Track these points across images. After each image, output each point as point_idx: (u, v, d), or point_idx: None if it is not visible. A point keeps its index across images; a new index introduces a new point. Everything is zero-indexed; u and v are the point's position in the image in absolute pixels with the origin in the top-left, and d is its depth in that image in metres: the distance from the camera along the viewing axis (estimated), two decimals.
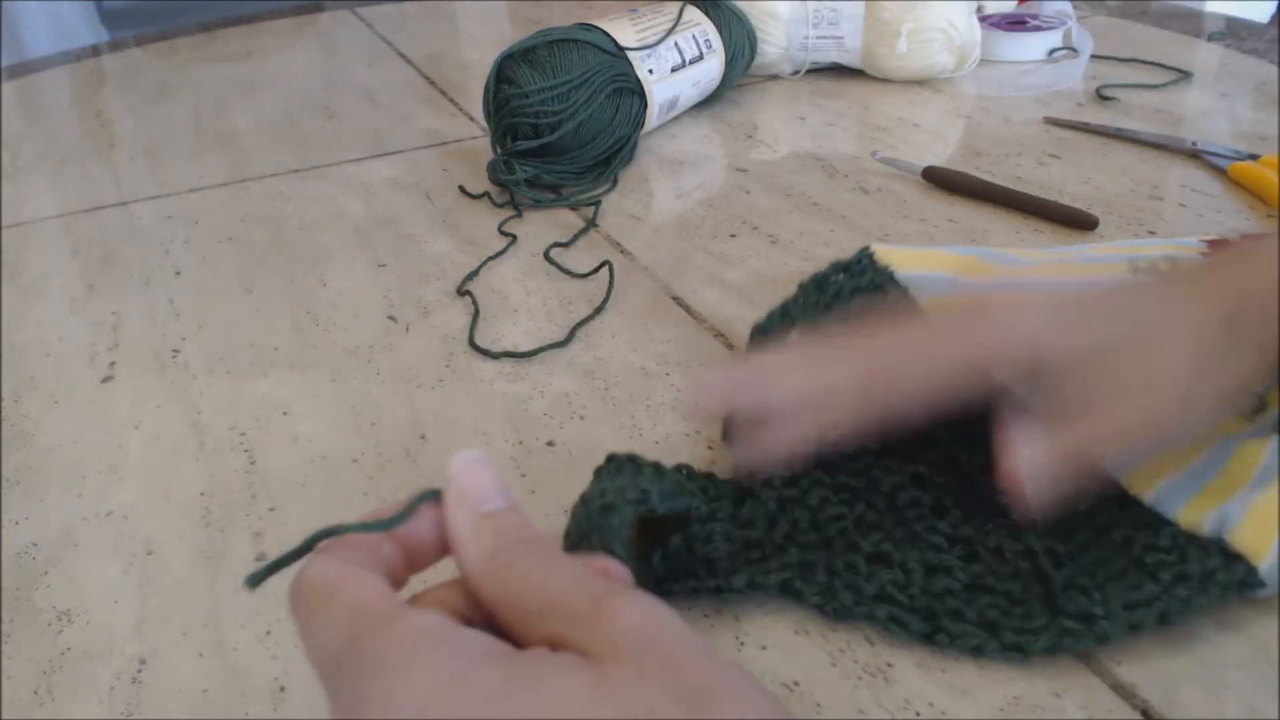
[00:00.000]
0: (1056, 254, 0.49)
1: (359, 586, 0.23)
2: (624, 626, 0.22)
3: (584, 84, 0.65)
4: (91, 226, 0.67)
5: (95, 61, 1.07)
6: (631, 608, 0.22)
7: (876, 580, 0.33)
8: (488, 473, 0.27)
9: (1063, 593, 0.32)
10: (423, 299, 0.55)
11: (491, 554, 0.25)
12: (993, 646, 0.31)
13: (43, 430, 0.46)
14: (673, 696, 0.20)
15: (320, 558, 0.24)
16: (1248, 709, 0.29)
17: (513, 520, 0.26)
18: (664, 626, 0.22)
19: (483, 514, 0.26)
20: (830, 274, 0.47)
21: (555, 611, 0.23)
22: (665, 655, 0.21)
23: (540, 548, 0.25)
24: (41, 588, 0.37)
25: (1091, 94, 0.77)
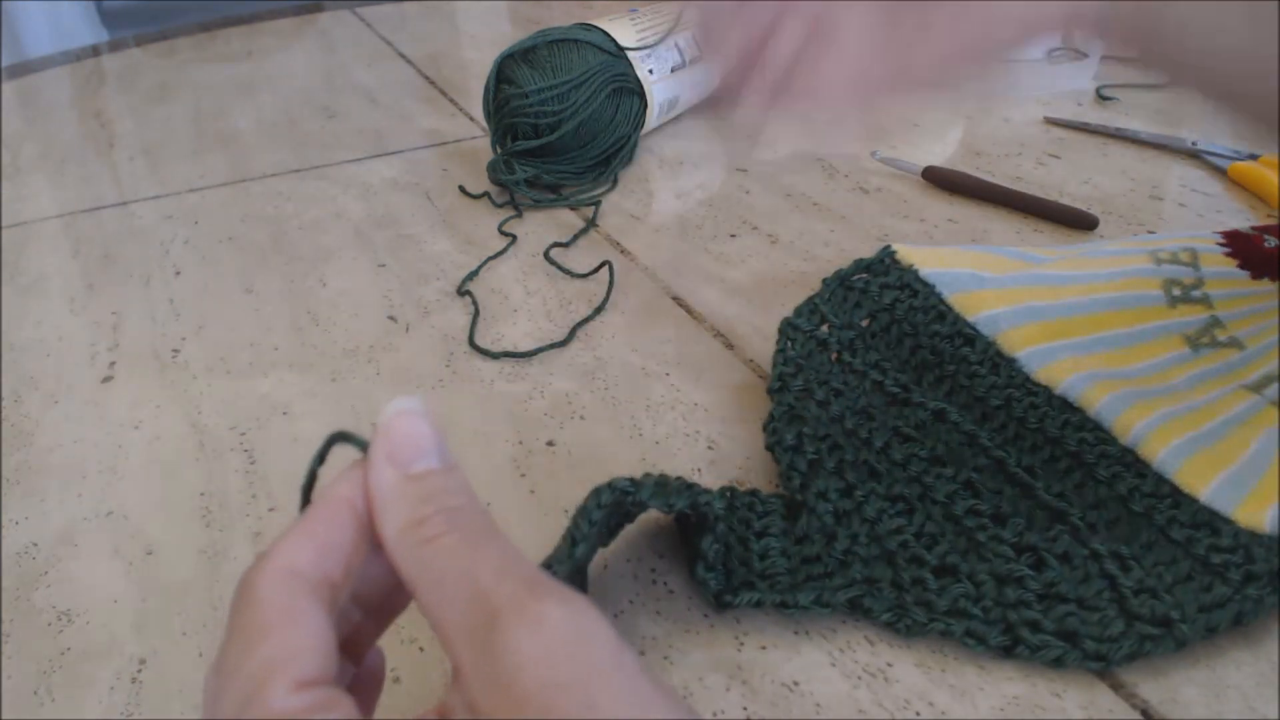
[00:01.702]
0: (1075, 250, 0.49)
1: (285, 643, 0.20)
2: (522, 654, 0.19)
3: (584, 84, 0.65)
4: (91, 226, 0.67)
5: (95, 61, 1.07)
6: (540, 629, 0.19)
7: (948, 595, 0.32)
8: (422, 425, 0.23)
9: (1134, 596, 0.32)
10: (423, 299, 0.55)
11: (412, 524, 0.22)
12: (1074, 657, 0.31)
13: (43, 430, 0.46)
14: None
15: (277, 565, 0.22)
16: (1248, 709, 0.29)
17: (444, 484, 0.22)
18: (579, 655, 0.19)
19: (411, 474, 0.23)
20: (853, 272, 0.47)
21: (464, 611, 0.20)
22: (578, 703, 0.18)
23: (470, 521, 0.22)
24: (41, 588, 0.37)
25: (1091, 94, 0.77)
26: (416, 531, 0.21)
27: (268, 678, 0.20)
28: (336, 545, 0.22)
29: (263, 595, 0.21)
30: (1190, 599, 0.31)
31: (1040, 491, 0.36)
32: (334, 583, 0.22)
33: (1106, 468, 0.37)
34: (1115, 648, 0.30)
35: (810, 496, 0.36)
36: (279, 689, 0.20)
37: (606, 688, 0.19)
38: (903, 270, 0.46)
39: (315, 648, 0.21)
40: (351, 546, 0.22)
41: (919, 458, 0.38)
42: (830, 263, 0.56)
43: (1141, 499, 0.35)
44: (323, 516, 0.23)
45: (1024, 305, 0.44)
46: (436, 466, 0.23)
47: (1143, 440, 0.37)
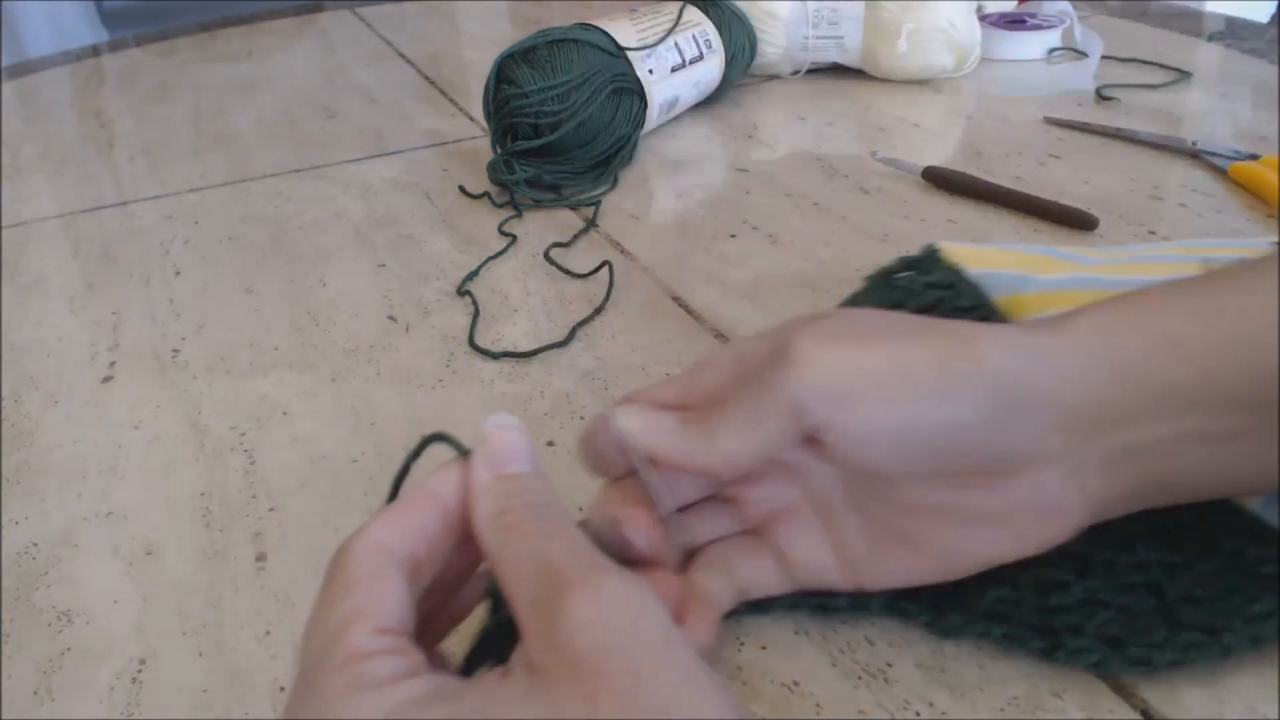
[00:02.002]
0: (1124, 253, 0.48)
1: (368, 599, 0.24)
2: (580, 623, 0.21)
3: (584, 84, 0.65)
4: (91, 226, 0.67)
5: (95, 61, 1.07)
6: (598, 599, 0.21)
7: (987, 598, 0.31)
8: (516, 436, 0.27)
9: (1180, 605, 0.31)
10: (423, 299, 0.55)
11: (499, 512, 0.25)
12: (1115, 662, 0.30)
13: (43, 430, 0.46)
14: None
15: (369, 537, 0.25)
16: (1248, 709, 0.29)
17: (529, 485, 0.26)
18: (631, 626, 0.21)
19: (502, 474, 0.26)
20: (897, 269, 0.46)
21: (533, 586, 0.23)
22: (623, 670, 0.20)
23: (548, 514, 0.25)
24: (41, 588, 0.37)
25: (1091, 94, 0.77)
26: (501, 519, 0.25)
27: (350, 623, 0.23)
28: (422, 529, 0.26)
29: (353, 559, 0.24)
30: (1235, 610, 0.31)
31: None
32: (417, 560, 0.25)
33: None
34: (1159, 654, 0.30)
35: None
36: (360, 632, 0.23)
37: (652, 656, 0.21)
38: (947, 269, 0.45)
39: (394, 605, 0.24)
40: (435, 532, 0.26)
41: None
42: (830, 263, 0.56)
43: (1190, 510, 0.33)
44: (413, 504, 0.26)
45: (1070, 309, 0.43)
46: (526, 470, 0.26)
47: None
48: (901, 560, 0.31)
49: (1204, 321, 0.28)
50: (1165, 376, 0.28)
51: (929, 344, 0.28)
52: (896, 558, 0.31)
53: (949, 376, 0.27)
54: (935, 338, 0.29)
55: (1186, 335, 0.28)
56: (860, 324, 0.30)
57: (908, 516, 0.30)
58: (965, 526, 0.29)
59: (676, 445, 0.29)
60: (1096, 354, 0.28)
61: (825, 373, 0.27)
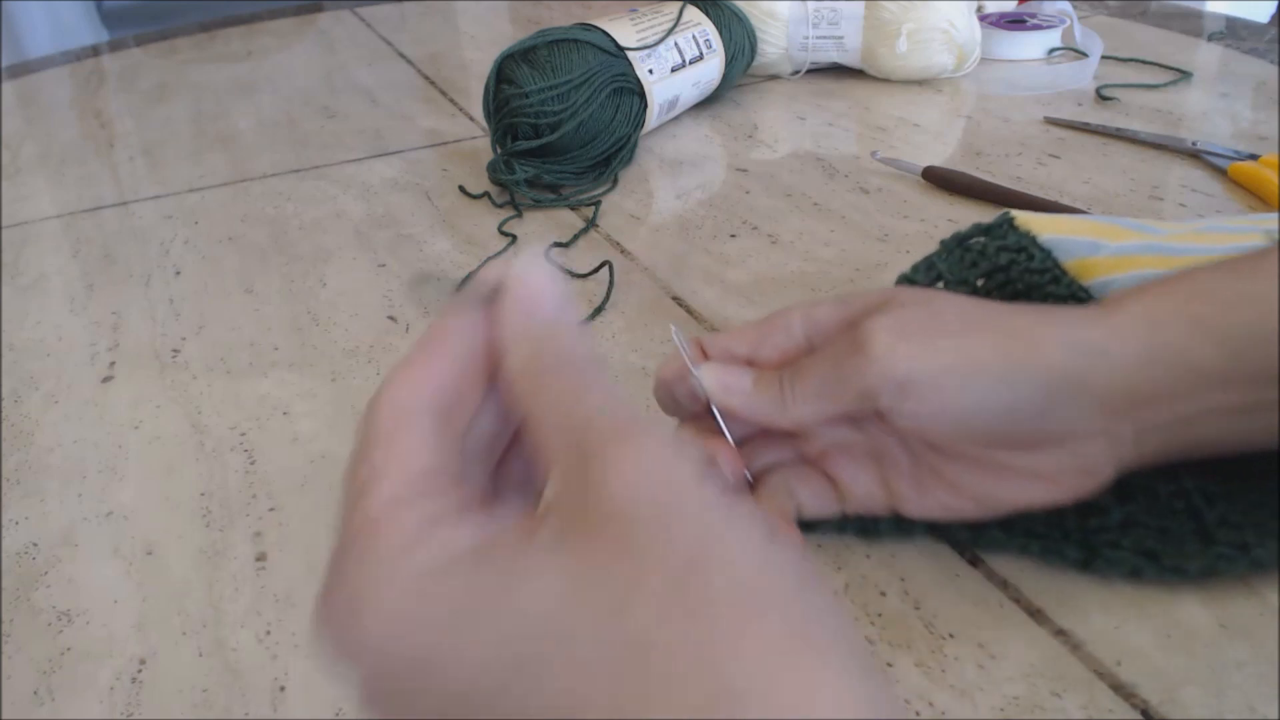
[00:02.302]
0: (1191, 225, 0.49)
1: (391, 455, 0.23)
2: (615, 478, 0.20)
3: (584, 84, 0.65)
4: (91, 226, 0.67)
5: (95, 61, 1.07)
6: (630, 454, 0.20)
7: (1026, 518, 0.34)
8: (547, 279, 0.25)
9: (1216, 528, 0.33)
10: (423, 299, 0.55)
11: (532, 358, 0.23)
12: (1151, 570, 0.32)
13: (43, 430, 0.46)
14: (658, 570, 0.19)
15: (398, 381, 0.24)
16: (1248, 709, 0.29)
17: (561, 333, 0.24)
18: (662, 480, 0.20)
19: (533, 321, 0.24)
20: (971, 234, 0.47)
21: (566, 441, 0.21)
22: (654, 521, 0.19)
23: (583, 366, 0.23)
24: (41, 588, 0.37)
25: (1091, 94, 0.77)
26: (534, 367, 0.23)
27: (372, 481, 0.22)
28: (440, 376, 0.24)
29: (378, 414, 0.23)
30: (1270, 532, 0.32)
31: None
32: (445, 405, 0.24)
33: None
34: (1190, 562, 0.32)
35: None
36: (382, 489, 0.22)
37: (688, 508, 0.20)
38: (1020, 234, 0.47)
39: (416, 458, 0.22)
40: (456, 376, 0.24)
41: None
42: (830, 263, 0.56)
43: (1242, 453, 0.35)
44: (435, 347, 0.24)
45: (1138, 273, 0.44)
46: (557, 317, 0.24)
47: None
48: (943, 498, 0.33)
49: (1235, 306, 0.31)
50: (1197, 359, 0.31)
51: (991, 340, 0.31)
52: (938, 496, 0.33)
53: (1008, 371, 0.31)
54: (999, 335, 0.31)
55: (1218, 319, 0.31)
56: (933, 316, 0.32)
57: (954, 464, 0.33)
58: (1006, 478, 0.32)
59: (751, 405, 0.33)
60: (1140, 343, 0.31)
61: (898, 367, 0.31)
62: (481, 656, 0.19)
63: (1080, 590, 0.34)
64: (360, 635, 0.20)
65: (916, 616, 0.33)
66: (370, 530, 0.21)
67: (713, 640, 0.18)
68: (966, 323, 0.32)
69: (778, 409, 0.32)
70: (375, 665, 0.20)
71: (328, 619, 0.21)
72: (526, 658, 0.19)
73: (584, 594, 0.19)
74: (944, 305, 0.33)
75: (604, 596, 0.19)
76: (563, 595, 0.19)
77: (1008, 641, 0.32)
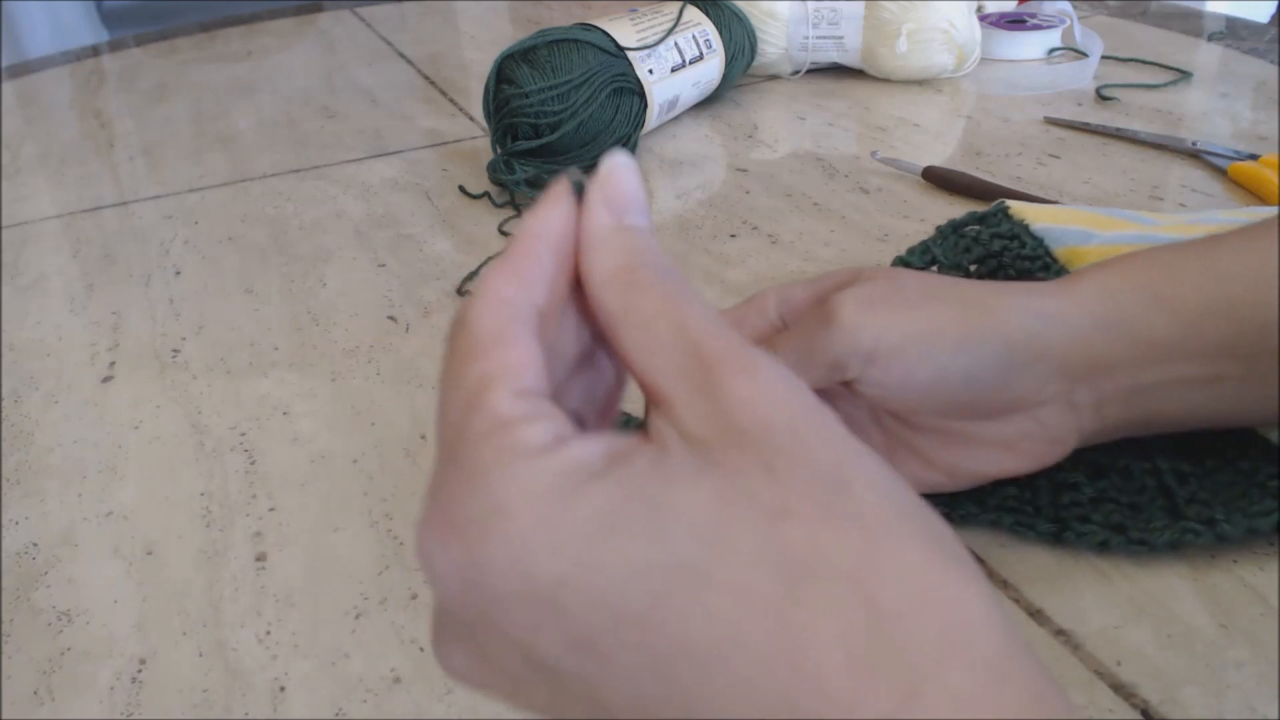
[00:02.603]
0: (1186, 216, 0.49)
1: (500, 359, 0.21)
2: (743, 397, 0.20)
3: (584, 84, 0.65)
4: (91, 226, 0.67)
5: (95, 61, 1.07)
6: (756, 377, 0.20)
7: (1000, 493, 0.35)
8: (638, 184, 0.24)
9: (1185, 505, 0.34)
10: (423, 299, 0.55)
11: (624, 267, 0.22)
12: (1118, 541, 0.33)
13: (43, 430, 0.46)
14: (805, 489, 0.19)
15: (488, 291, 0.22)
16: (1248, 709, 0.29)
17: (652, 243, 0.23)
18: (791, 401, 0.20)
19: (625, 224, 0.23)
20: (966, 222, 0.47)
21: (678, 356, 0.21)
22: (792, 440, 0.19)
23: (678, 279, 0.22)
24: (41, 588, 0.37)
25: (1091, 94, 0.77)
26: (628, 275, 0.22)
27: (486, 386, 0.20)
28: (539, 276, 0.22)
29: (475, 321, 0.22)
30: (1238, 507, 0.33)
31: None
32: (540, 310, 0.22)
33: None
34: (1157, 535, 0.33)
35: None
36: (500, 396, 0.20)
37: (816, 428, 0.20)
38: (1013, 222, 0.47)
39: (528, 364, 0.21)
40: (552, 277, 0.23)
41: None
42: (830, 263, 0.56)
43: (1215, 435, 0.36)
44: (524, 250, 0.23)
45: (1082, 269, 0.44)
46: (647, 224, 0.23)
47: None
48: (914, 470, 0.34)
49: (1195, 281, 0.32)
50: (1151, 328, 0.32)
51: (953, 308, 0.32)
52: (911, 469, 0.34)
53: (968, 339, 0.31)
54: (959, 304, 0.32)
55: (1176, 293, 0.32)
56: (898, 289, 0.33)
57: (922, 437, 0.34)
58: (972, 448, 0.33)
59: None
60: (1095, 311, 0.32)
61: (864, 336, 0.31)
62: (635, 564, 0.18)
63: (1080, 590, 0.34)
64: (496, 549, 0.19)
65: None
66: (501, 434, 0.20)
67: (866, 557, 0.18)
68: (929, 293, 0.33)
69: None
70: (511, 582, 0.19)
71: (446, 537, 0.19)
72: (684, 566, 0.18)
73: (736, 508, 0.19)
74: (908, 279, 0.34)
75: (757, 513, 0.18)
76: (716, 507, 0.19)
77: None
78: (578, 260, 0.23)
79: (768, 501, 0.19)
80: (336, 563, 0.37)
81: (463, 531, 0.19)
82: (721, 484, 0.19)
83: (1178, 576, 0.34)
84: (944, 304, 0.32)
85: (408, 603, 0.35)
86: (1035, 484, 0.36)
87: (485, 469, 0.19)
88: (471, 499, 0.19)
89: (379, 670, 0.33)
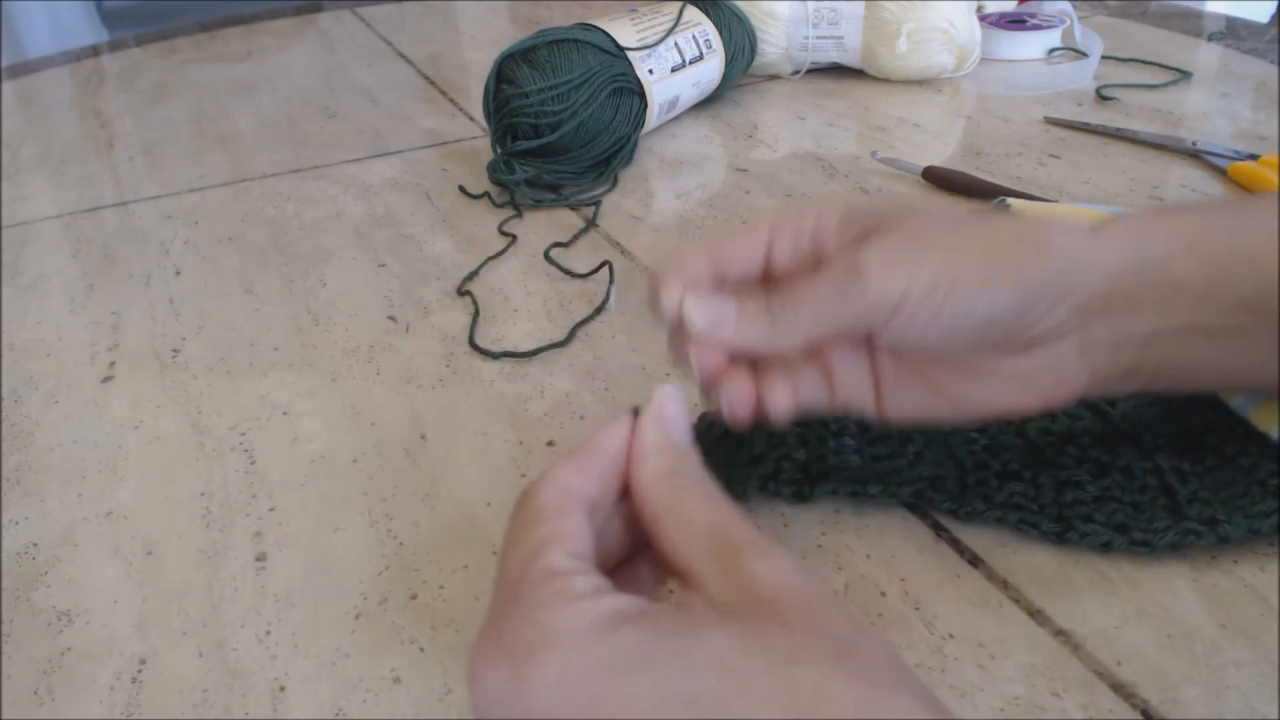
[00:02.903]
0: None
1: (560, 527, 0.26)
2: (763, 574, 0.24)
3: (584, 84, 0.65)
4: (91, 226, 0.67)
5: (95, 61, 1.07)
6: (772, 559, 0.24)
7: (1006, 490, 0.36)
8: (682, 409, 0.30)
9: (1187, 504, 0.34)
10: (423, 299, 0.55)
11: (670, 473, 0.28)
12: (1121, 543, 0.34)
13: (43, 430, 0.46)
14: (818, 643, 0.22)
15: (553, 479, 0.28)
16: (1248, 709, 0.29)
17: (693, 459, 0.29)
18: (802, 580, 0.24)
19: (672, 439, 0.29)
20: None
21: (708, 543, 0.25)
22: (805, 606, 0.23)
23: (710, 487, 0.28)
24: (41, 588, 0.37)
25: (1091, 94, 0.77)
26: (671, 480, 0.28)
27: (546, 546, 0.25)
28: (596, 475, 0.28)
29: (542, 495, 0.27)
30: (1239, 507, 0.34)
31: (1116, 420, 0.38)
32: (593, 502, 0.28)
33: (1186, 406, 0.38)
34: (1159, 537, 0.33)
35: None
36: (557, 553, 0.25)
37: (827, 602, 0.23)
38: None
39: (579, 535, 0.26)
40: (607, 480, 0.29)
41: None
42: None
43: (1216, 433, 0.37)
44: (586, 455, 0.29)
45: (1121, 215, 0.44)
46: (688, 443, 0.29)
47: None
48: (923, 399, 0.34)
49: (1228, 231, 0.32)
50: (1179, 272, 0.31)
51: (978, 257, 0.31)
52: (919, 397, 0.34)
53: (993, 284, 0.31)
54: (983, 249, 0.32)
55: (1208, 239, 0.32)
56: (922, 237, 0.32)
57: (936, 368, 0.34)
58: (981, 381, 0.33)
59: (739, 335, 0.32)
60: (1125, 252, 0.32)
61: (890, 289, 0.31)
62: (660, 693, 0.21)
63: (1080, 590, 0.34)
64: (542, 671, 0.22)
65: (917, 616, 0.33)
66: (554, 581, 0.24)
67: (866, 704, 0.21)
68: (955, 239, 0.32)
69: (768, 337, 0.32)
70: (551, 702, 0.22)
71: (497, 658, 0.23)
72: (704, 699, 0.21)
73: (753, 652, 0.22)
74: (933, 226, 0.33)
75: (771, 658, 0.22)
76: (735, 650, 0.22)
77: (1008, 641, 0.32)
78: (629, 467, 0.29)
79: (782, 650, 0.22)
80: (336, 563, 0.37)
81: (513, 654, 0.23)
82: (740, 631, 0.22)
83: (1178, 577, 0.34)
84: (968, 250, 0.32)
85: (408, 603, 0.35)
86: (1039, 481, 0.36)
87: (539, 606, 0.24)
88: (525, 629, 0.23)
89: (379, 670, 0.33)
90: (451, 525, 0.38)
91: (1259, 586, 0.33)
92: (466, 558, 0.37)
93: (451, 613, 0.34)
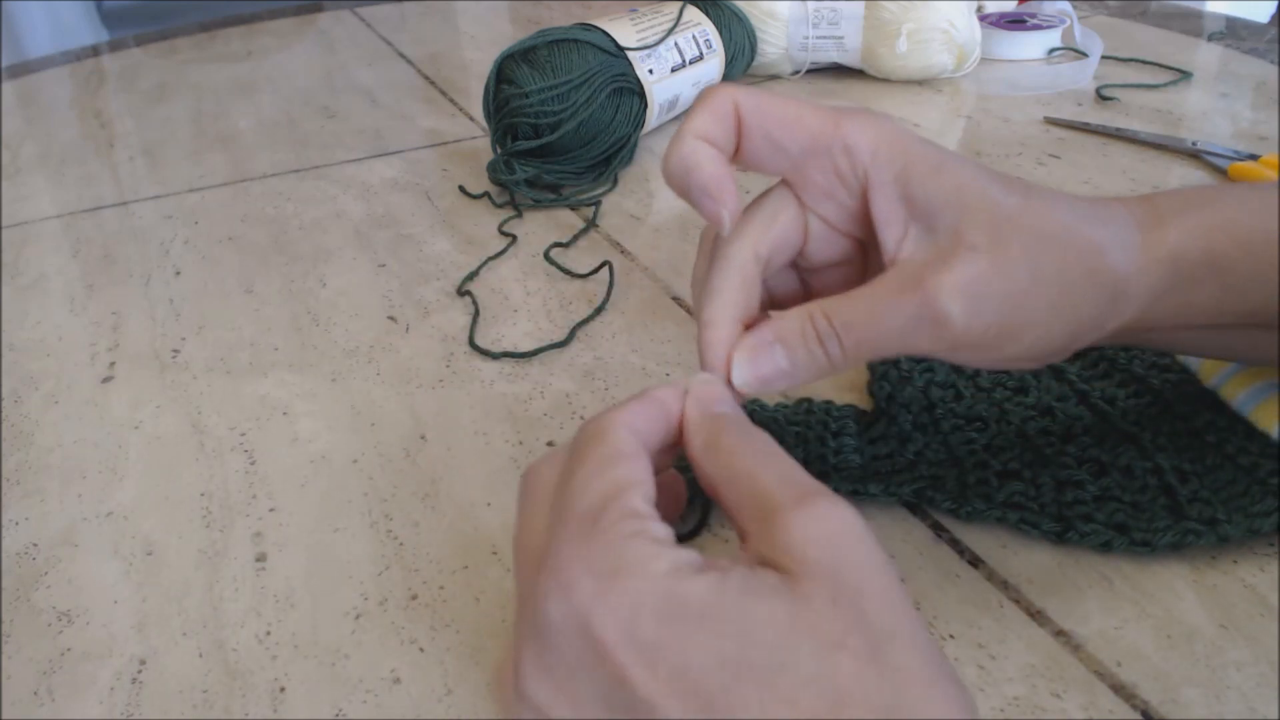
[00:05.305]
0: None
1: (637, 472, 0.26)
2: (813, 537, 0.24)
3: (584, 84, 0.65)
4: (91, 226, 0.67)
5: (95, 61, 1.07)
6: (823, 519, 0.24)
7: (1006, 490, 0.36)
8: (721, 389, 0.30)
9: (1187, 504, 0.34)
10: (423, 299, 0.55)
11: (711, 445, 0.28)
12: (1121, 542, 0.34)
13: (43, 430, 0.46)
14: (861, 630, 0.22)
15: (624, 421, 0.28)
16: (1248, 709, 0.29)
17: (735, 416, 0.29)
18: (853, 543, 0.24)
19: (710, 413, 0.29)
20: None
21: (756, 503, 0.25)
22: (854, 583, 0.23)
23: (755, 439, 0.28)
24: (41, 588, 0.37)
25: (1091, 94, 0.77)
26: (715, 448, 0.28)
27: (626, 487, 0.26)
28: (655, 425, 0.29)
29: (613, 435, 0.27)
30: (1239, 507, 0.34)
31: (1116, 419, 0.38)
32: (653, 451, 0.28)
33: (1186, 404, 0.39)
34: (1160, 537, 0.33)
35: (894, 406, 0.40)
36: (637, 497, 0.26)
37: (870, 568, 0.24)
38: None
39: (651, 484, 0.27)
40: (663, 431, 0.29)
41: (1005, 386, 0.41)
42: None
43: (1216, 431, 0.37)
44: (646, 404, 0.29)
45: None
46: (729, 410, 0.30)
47: (1225, 383, 0.39)
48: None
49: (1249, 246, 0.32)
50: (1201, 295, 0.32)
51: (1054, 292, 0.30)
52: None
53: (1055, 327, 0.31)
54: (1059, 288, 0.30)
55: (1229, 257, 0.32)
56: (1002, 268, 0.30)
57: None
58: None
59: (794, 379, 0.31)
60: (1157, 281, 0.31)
61: (970, 334, 0.30)
62: (717, 654, 0.22)
63: (1080, 591, 0.34)
64: (616, 600, 0.23)
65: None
66: (635, 522, 0.25)
67: (895, 702, 0.22)
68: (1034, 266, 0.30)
69: (828, 368, 0.31)
70: (618, 632, 0.23)
71: (574, 583, 0.24)
72: (755, 669, 0.22)
73: (804, 627, 0.22)
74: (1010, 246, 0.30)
75: (818, 641, 0.22)
76: (787, 628, 0.22)
77: (1008, 642, 0.32)
78: (683, 442, 0.29)
79: (828, 633, 0.22)
80: (336, 563, 0.37)
81: (591, 581, 0.23)
82: (794, 609, 0.23)
83: (1178, 577, 0.34)
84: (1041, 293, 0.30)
85: (408, 603, 0.35)
86: (1039, 481, 0.36)
87: (620, 541, 0.24)
88: (604, 559, 0.24)
89: (379, 670, 0.33)
90: (451, 525, 0.38)
91: (1259, 586, 0.33)
92: (466, 558, 0.37)
93: (451, 613, 0.34)
